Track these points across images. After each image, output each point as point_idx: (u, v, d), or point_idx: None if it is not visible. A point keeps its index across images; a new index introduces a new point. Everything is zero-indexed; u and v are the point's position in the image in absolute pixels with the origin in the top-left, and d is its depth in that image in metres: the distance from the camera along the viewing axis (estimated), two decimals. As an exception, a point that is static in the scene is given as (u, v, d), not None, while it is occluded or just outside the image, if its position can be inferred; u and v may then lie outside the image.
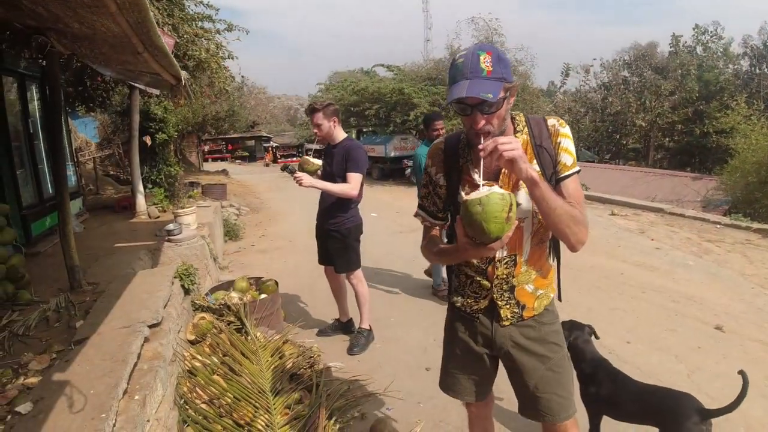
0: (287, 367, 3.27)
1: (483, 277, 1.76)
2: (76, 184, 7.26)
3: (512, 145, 1.42)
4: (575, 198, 1.61)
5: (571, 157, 1.64)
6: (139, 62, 3.09)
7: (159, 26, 7.04)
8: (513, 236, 1.61)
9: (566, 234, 1.57)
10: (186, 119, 14.59)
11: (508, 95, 1.54)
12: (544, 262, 1.79)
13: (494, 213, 1.35)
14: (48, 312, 3.44)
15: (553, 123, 1.67)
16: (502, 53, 1.53)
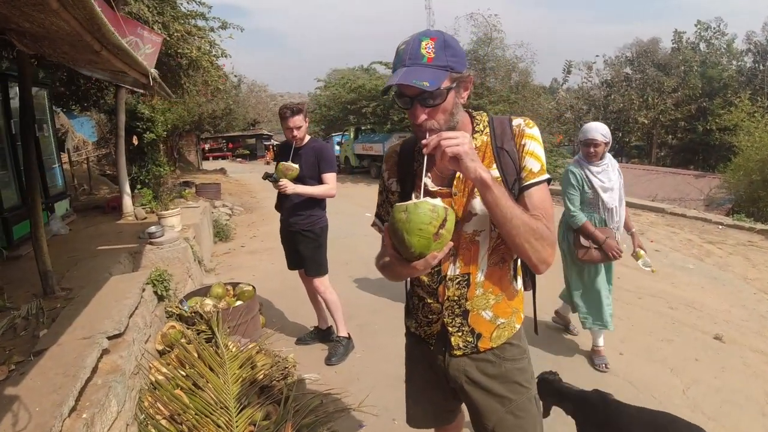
0: (258, 378, 3.16)
1: (433, 299, 1.56)
2: (63, 185, 7.15)
3: (457, 140, 1.23)
4: (541, 210, 1.39)
5: (539, 162, 1.43)
6: (102, 61, 2.98)
7: (148, 24, 7.00)
8: (467, 251, 1.47)
9: (525, 250, 1.33)
10: (181, 118, 14.48)
11: (457, 87, 1.36)
12: (508, 285, 1.55)
13: (419, 225, 1.16)
14: (17, 319, 3.34)
15: (519, 123, 1.47)
16: (451, 39, 1.34)
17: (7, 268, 4.72)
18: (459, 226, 1.44)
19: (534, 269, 1.40)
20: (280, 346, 4.08)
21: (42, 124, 6.50)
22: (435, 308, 1.56)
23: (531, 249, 1.33)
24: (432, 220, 1.16)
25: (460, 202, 1.45)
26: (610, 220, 3.75)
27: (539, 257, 1.35)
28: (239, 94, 21.30)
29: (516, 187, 1.44)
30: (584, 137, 3.71)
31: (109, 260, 4.92)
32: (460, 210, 1.45)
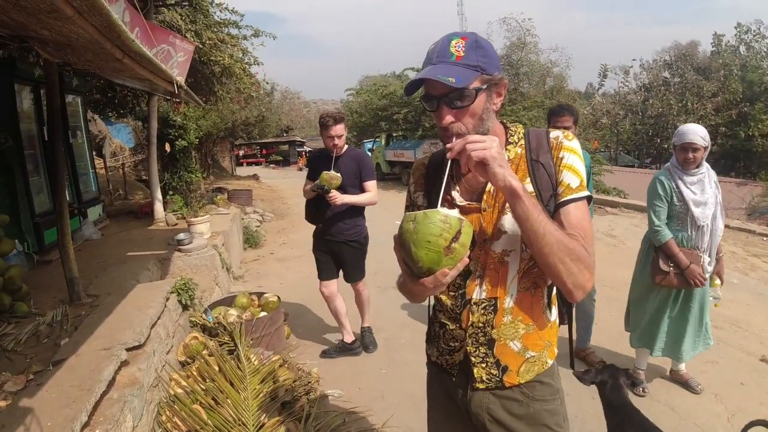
0: (279, 394, 3.05)
1: (456, 325, 1.40)
2: (96, 190, 7.27)
3: (484, 144, 1.11)
4: (579, 230, 1.23)
5: (578, 177, 1.28)
6: (126, 69, 2.94)
7: (181, 32, 7.08)
8: (494, 273, 1.32)
9: (559, 272, 1.17)
10: (215, 125, 14.70)
11: (489, 90, 1.24)
12: (540, 314, 1.37)
13: (427, 236, 1.04)
14: (41, 326, 3.33)
15: (557, 135, 1.33)
16: (483, 41, 1.24)
17: (37, 272, 4.76)
18: (487, 244, 1.31)
19: (569, 296, 1.23)
20: (305, 359, 3.97)
21: (76, 131, 6.62)
22: (458, 335, 1.41)
23: (566, 271, 1.17)
24: (443, 232, 1.04)
25: (490, 219, 1.32)
26: (699, 239, 3.26)
27: (575, 281, 1.18)
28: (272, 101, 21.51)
29: (552, 203, 1.29)
30: (680, 140, 3.21)
31: (138, 267, 4.92)
32: (489, 227, 1.31)
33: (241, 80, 9.36)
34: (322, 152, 3.97)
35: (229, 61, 8.26)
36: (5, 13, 1.91)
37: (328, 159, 3.84)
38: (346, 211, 3.87)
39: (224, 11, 8.57)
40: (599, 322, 4.53)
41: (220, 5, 8.37)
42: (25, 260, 4.76)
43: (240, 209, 10.80)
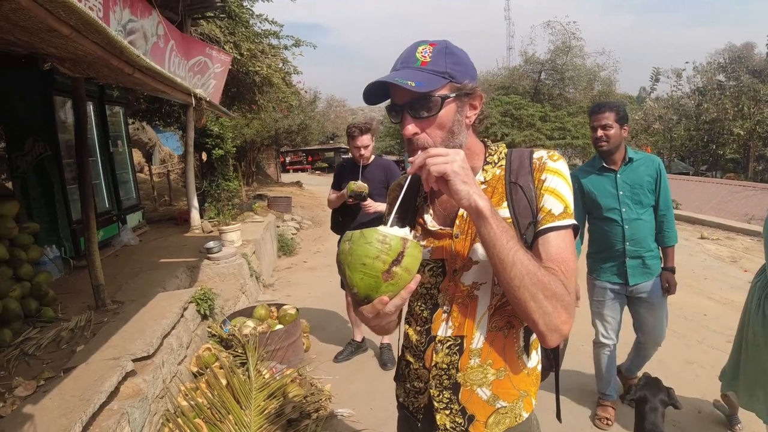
0: (286, 411, 3.01)
1: (420, 363, 1.27)
2: (136, 197, 7.52)
3: (445, 158, 0.99)
4: (560, 263, 1.08)
5: (561, 203, 1.13)
6: (141, 82, 3.00)
7: (220, 44, 7.25)
8: (462, 308, 1.18)
9: (530, 310, 1.01)
10: (259, 133, 15.02)
11: (459, 100, 1.13)
12: (514, 358, 1.21)
13: (362, 258, 0.91)
14: (63, 331, 3.42)
15: (541, 155, 1.20)
16: (456, 48, 1.14)
17: (71, 278, 4.94)
18: (457, 275, 1.19)
19: (541, 339, 1.07)
20: (321, 374, 3.93)
21: (117, 140, 6.88)
22: (422, 375, 1.27)
23: (538, 309, 1.01)
24: (379, 254, 0.90)
25: (462, 246, 1.19)
26: None
27: (549, 322, 1.02)
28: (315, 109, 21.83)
29: (530, 232, 1.15)
30: None
31: (167, 274, 5.03)
32: (460, 256, 1.19)
33: (280, 89, 9.49)
34: (350, 162, 3.99)
35: (268, 71, 8.38)
36: (10, 34, 1.95)
37: (356, 168, 3.86)
38: (373, 220, 3.83)
39: (264, 22, 8.73)
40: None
41: (260, 16, 8.52)
42: (61, 265, 4.95)
43: (278, 216, 10.94)
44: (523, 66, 22.10)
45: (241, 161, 15.44)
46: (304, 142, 20.86)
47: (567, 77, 20.45)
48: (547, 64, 20.79)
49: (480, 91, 1.16)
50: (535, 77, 21.21)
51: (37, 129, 5.05)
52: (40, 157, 5.01)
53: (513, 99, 17.77)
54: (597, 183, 3.05)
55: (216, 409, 2.83)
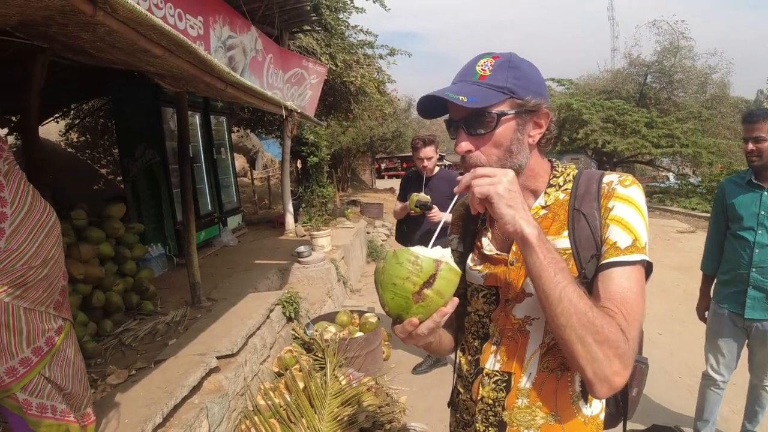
0: (359, 419, 3.01)
1: (468, 395, 1.19)
2: (237, 201, 7.99)
3: (491, 179, 0.92)
4: (620, 304, 0.94)
5: (630, 235, 0.99)
6: (232, 97, 3.16)
7: (316, 56, 7.53)
8: (512, 342, 1.09)
9: (577, 355, 0.90)
10: (354, 140, 15.44)
11: (520, 117, 1.03)
12: (567, 404, 1.07)
13: (393, 278, 0.89)
14: (160, 325, 3.68)
15: (611, 179, 1.07)
16: (522, 61, 1.05)
17: (173, 274, 5.33)
18: (509, 306, 1.10)
19: (589, 388, 0.94)
20: (398, 384, 3.89)
21: (220, 148, 7.37)
22: (470, 407, 1.19)
23: (585, 354, 0.89)
24: (410, 275, 0.87)
25: (517, 275, 1.09)
26: None
27: (598, 371, 0.90)
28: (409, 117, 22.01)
29: (592, 266, 1.02)
30: None
31: (259, 275, 5.26)
32: (515, 285, 1.09)
33: (374, 98, 9.67)
34: (415, 174, 3.99)
35: (362, 80, 8.57)
36: (109, 54, 2.13)
37: (420, 180, 3.85)
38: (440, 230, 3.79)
39: (359, 32, 8.95)
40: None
41: (355, 27, 8.75)
42: (165, 262, 5.36)
43: (369, 222, 11.11)
44: (627, 68, 20.75)
45: (337, 168, 15.92)
46: (398, 149, 21.11)
47: (675, 80, 18.88)
48: (654, 66, 19.34)
49: (546, 109, 1.06)
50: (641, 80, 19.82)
51: (147, 137, 5.56)
52: (149, 163, 5.50)
53: (616, 104, 16.69)
54: (740, 197, 2.67)
55: (291, 410, 2.89)
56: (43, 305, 1.80)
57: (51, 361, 1.79)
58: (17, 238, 1.71)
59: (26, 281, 1.73)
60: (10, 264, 1.69)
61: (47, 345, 1.77)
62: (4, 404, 1.76)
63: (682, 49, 18.56)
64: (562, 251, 1.01)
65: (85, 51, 2.17)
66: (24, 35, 1.92)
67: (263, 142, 16.28)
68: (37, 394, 1.77)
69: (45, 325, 1.78)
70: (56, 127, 9.66)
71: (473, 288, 1.19)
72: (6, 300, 1.70)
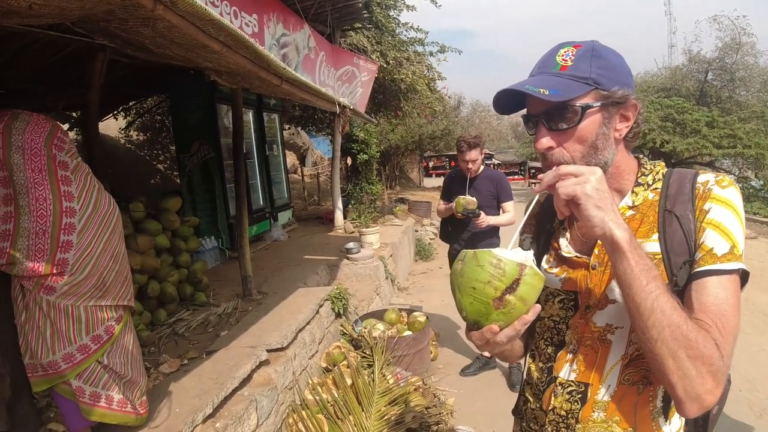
0: (406, 420, 2.96)
1: (538, 404, 1.12)
2: (287, 197, 8.11)
3: (578, 179, 0.86)
4: (715, 316, 0.87)
5: (728, 241, 0.91)
6: (286, 93, 3.18)
7: (367, 53, 7.53)
8: (591, 351, 1.02)
9: (667, 370, 0.84)
10: (403, 138, 15.42)
11: (606, 110, 0.96)
12: (647, 420, 1.00)
13: (472, 282, 0.84)
14: (212, 316, 3.77)
15: (707, 179, 0.99)
16: (605, 50, 0.98)
17: (226, 267, 5.45)
18: (590, 312, 1.03)
19: (678, 406, 0.88)
20: (445, 386, 3.83)
21: (273, 144, 7.50)
22: (539, 417, 1.12)
23: (677, 370, 0.83)
24: (491, 279, 0.82)
25: (599, 280, 1.02)
26: None
27: (689, 388, 0.83)
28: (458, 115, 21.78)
29: (684, 273, 0.94)
30: None
31: (309, 270, 5.32)
32: (596, 291, 1.02)
33: (424, 95, 9.59)
34: (459, 173, 3.97)
35: (412, 78, 8.51)
36: (168, 49, 2.17)
37: (464, 180, 3.82)
38: (484, 231, 3.83)
39: (410, 30, 8.89)
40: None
41: (405, 24, 8.70)
42: (218, 255, 5.50)
43: (417, 221, 11.05)
44: (686, 65, 19.72)
45: (385, 165, 15.94)
46: (447, 147, 20.91)
47: (737, 78, 17.81)
48: (715, 63, 18.29)
49: (634, 100, 0.98)
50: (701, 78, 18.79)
51: (202, 133, 5.71)
52: (204, 159, 5.65)
53: (675, 102, 15.89)
54: None
55: (338, 407, 2.89)
56: (124, 299, 1.85)
57: (110, 349, 1.84)
58: (87, 234, 1.77)
59: (105, 281, 1.79)
60: (86, 260, 1.74)
61: (107, 333, 1.82)
62: (57, 390, 1.82)
63: (744, 45, 17.52)
64: (651, 256, 0.93)
65: (144, 47, 2.22)
66: (84, 31, 1.98)
67: (313, 140, 16.51)
68: (91, 382, 1.82)
69: (105, 314, 1.83)
70: (116, 123, 10.11)
71: (548, 292, 1.11)
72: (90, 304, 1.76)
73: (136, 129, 10.45)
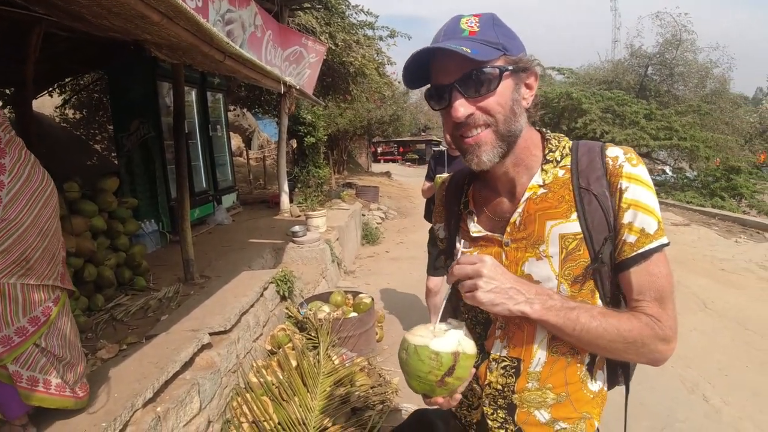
0: (351, 399, 3.00)
1: (474, 379, 1.14)
2: (232, 180, 7.92)
3: (472, 281, 0.95)
4: (654, 291, 0.96)
5: (654, 218, 0.96)
6: (231, 70, 3.09)
7: (315, 34, 7.42)
8: (518, 330, 1.06)
9: (627, 358, 1.03)
10: (351, 122, 15.33)
11: (516, 75, 0.96)
12: (577, 382, 1.07)
13: (417, 372, 0.99)
14: (152, 300, 3.65)
15: (616, 154, 1.00)
16: (501, 21, 0.99)
17: (167, 251, 5.29)
18: None
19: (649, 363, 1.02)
20: (390, 366, 3.89)
21: (216, 125, 7.29)
22: (476, 391, 1.16)
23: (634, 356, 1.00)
24: (432, 369, 0.97)
25: (514, 257, 1.04)
26: None
27: (650, 358, 0.99)
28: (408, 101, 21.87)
29: (607, 248, 0.98)
30: None
31: (254, 254, 5.24)
32: (512, 268, 1.03)
33: (373, 80, 9.57)
34: (441, 154, 4.06)
35: (362, 61, 8.47)
36: (106, 20, 2.07)
37: (445, 160, 3.90)
38: None
39: (359, 13, 8.83)
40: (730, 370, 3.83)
41: (355, 7, 8.62)
42: (158, 239, 5.32)
43: (364, 205, 11.08)
44: (628, 59, 20.71)
45: (333, 150, 15.82)
46: (396, 133, 21.00)
47: (676, 73, 18.90)
48: (655, 58, 19.31)
49: (536, 68, 1.00)
50: (641, 72, 19.79)
51: (142, 111, 5.46)
52: (144, 138, 5.42)
53: (616, 94, 16.65)
54: None
55: (283, 388, 2.89)
56: (49, 279, 1.77)
57: (48, 332, 1.76)
58: (15, 207, 1.67)
59: (28, 258, 1.70)
60: (8, 234, 1.65)
61: (44, 315, 1.75)
62: None
63: (684, 42, 18.54)
64: (572, 236, 0.99)
65: (82, 17, 2.11)
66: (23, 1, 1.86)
67: (259, 122, 16.15)
68: (29, 366, 1.75)
69: (42, 295, 1.75)
70: (51, 101, 9.54)
71: None
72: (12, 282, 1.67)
73: (72, 107, 9.88)
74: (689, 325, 4.70)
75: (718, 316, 5.00)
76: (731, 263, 7.04)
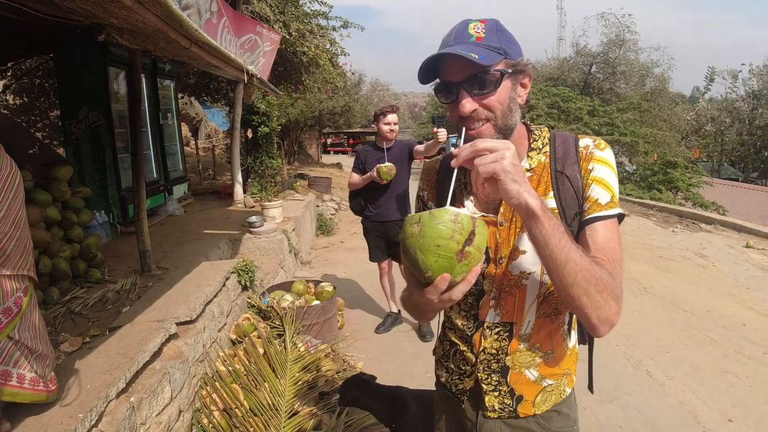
0: (319, 384, 3.06)
1: (467, 347, 1.27)
2: (183, 170, 7.73)
3: (495, 155, 0.92)
4: (607, 253, 1.07)
5: (608, 192, 1.12)
6: (196, 56, 3.05)
7: (269, 23, 7.30)
8: (510, 297, 1.18)
9: (582, 305, 0.99)
10: (303, 113, 15.16)
11: (514, 77, 1.10)
12: (560, 341, 1.24)
13: (436, 240, 0.87)
14: (109, 293, 3.57)
15: (587, 143, 1.17)
16: (504, 27, 1.12)
17: (118, 243, 5.14)
18: (503, 263, 1.18)
19: (592, 330, 1.05)
20: (353, 351, 3.97)
21: (167, 113, 7.08)
22: (469, 359, 1.27)
23: (591, 304, 0.99)
24: (454, 234, 0.87)
25: (507, 235, 1.17)
26: None
27: (601, 315, 1.01)
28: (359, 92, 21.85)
29: (576, 222, 1.14)
30: None
31: (210, 245, 5.16)
32: (505, 245, 1.17)
33: (326, 70, 9.51)
34: (373, 145, 4.27)
35: (315, 51, 8.41)
36: (73, 2, 2.02)
37: (380, 151, 4.13)
38: (398, 195, 4.19)
39: (313, 2, 8.75)
40: (671, 347, 4.16)
41: (309, -4, 8.54)
42: (109, 230, 5.15)
43: (317, 196, 11.05)
44: (573, 57, 21.58)
45: (284, 140, 15.62)
46: (347, 124, 20.93)
47: (619, 72, 19.86)
48: (599, 57, 20.21)
49: (530, 70, 1.15)
50: (586, 70, 20.68)
51: (91, 98, 5.25)
52: (93, 126, 5.20)
53: (561, 91, 17.31)
54: None
55: (252, 376, 2.91)
56: (24, 269, 1.73)
57: (20, 323, 1.72)
58: None
59: (5, 249, 1.66)
60: None
61: (16, 306, 1.71)
62: None
63: (627, 42, 19.42)
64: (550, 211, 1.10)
65: None
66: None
67: (207, 111, 15.72)
68: (2, 360, 1.71)
69: (13, 285, 1.71)
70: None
71: None
72: None
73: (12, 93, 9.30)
74: (632, 306, 5.03)
75: (657, 299, 5.37)
76: (669, 251, 7.54)
